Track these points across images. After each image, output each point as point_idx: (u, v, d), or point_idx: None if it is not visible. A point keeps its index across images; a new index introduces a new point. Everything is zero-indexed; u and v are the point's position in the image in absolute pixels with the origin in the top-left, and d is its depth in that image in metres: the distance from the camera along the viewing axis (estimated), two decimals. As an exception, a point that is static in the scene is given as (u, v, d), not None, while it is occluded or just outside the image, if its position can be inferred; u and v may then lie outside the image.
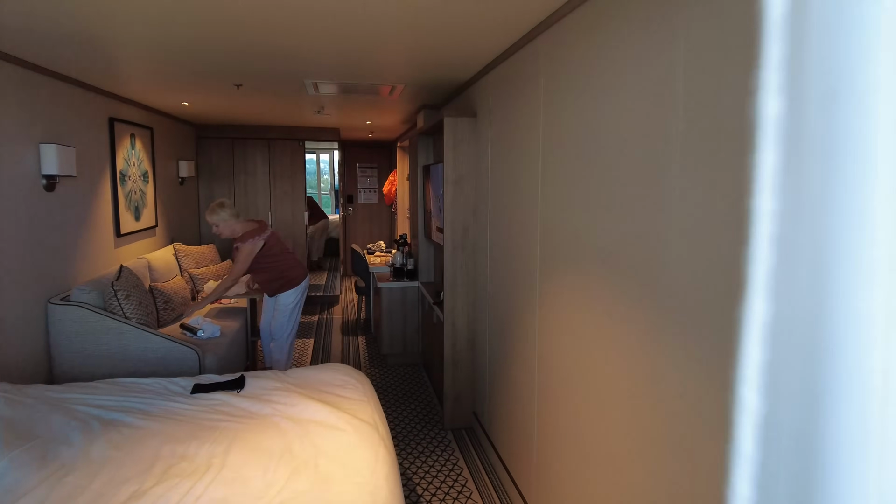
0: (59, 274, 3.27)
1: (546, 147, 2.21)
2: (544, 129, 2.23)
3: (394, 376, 4.42)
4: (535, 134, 2.33)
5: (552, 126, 2.14)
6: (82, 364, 3.10)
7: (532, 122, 2.36)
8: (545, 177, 2.22)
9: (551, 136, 2.15)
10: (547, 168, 2.20)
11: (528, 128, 2.41)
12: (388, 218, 8.74)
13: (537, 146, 2.30)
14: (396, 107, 4.76)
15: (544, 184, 2.23)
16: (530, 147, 2.39)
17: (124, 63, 3.03)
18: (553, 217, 2.14)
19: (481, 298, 3.29)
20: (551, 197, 2.16)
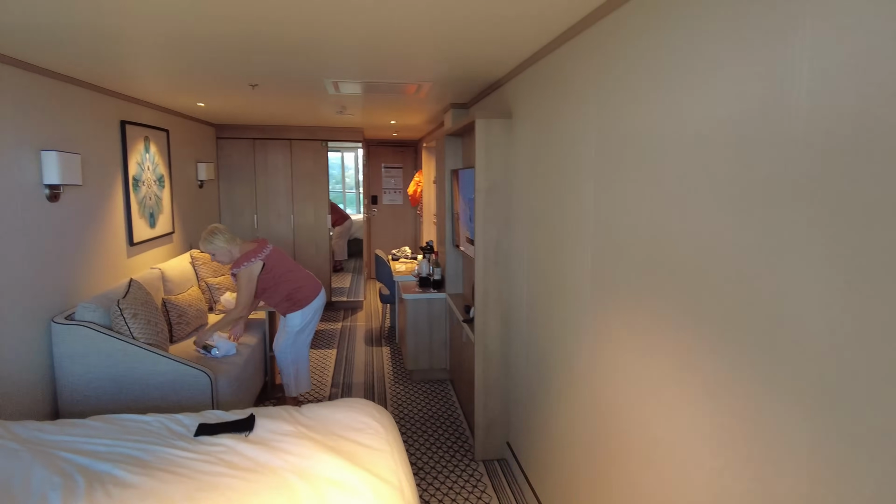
0: (65, 289, 3.06)
1: (602, 152, 1.88)
2: (599, 131, 1.90)
3: (419, 394, 4.14)
4: (586, 137, 2.00)
5: (611, 127, 1.81)
6: (87, 387, 2.88)
7: (583, 124, 2.03)
8: (601, 187, 1.89)
9: (610, 139, 1.82)
10: (604, 177, 1.87)
11: (578, 130, 2.08)
12: (413, 219, 8.47)
13: (589, 151, 1.98)
14: (422, 106, 4.46)
15: (600, 193, 1.90)
16: (580, 152, 2.06)
17: (134, 60, 2.79)
18: (612, 233, 1.82)
19: (516, 319, 2.98)
20: (610, 210, 1.83)
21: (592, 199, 1.95)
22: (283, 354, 3.56)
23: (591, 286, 1.97)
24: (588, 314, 2.00)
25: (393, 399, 4.05)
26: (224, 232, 3.32)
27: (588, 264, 2.00)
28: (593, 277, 1.95)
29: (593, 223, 1.94)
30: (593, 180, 1.95)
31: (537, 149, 2.57)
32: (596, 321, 1.93)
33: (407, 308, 4.30)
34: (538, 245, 2.59)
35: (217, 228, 3.33)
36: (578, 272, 2.09)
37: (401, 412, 3.83)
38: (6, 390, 2.61)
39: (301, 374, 3.66)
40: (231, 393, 3.12)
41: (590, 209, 1.97)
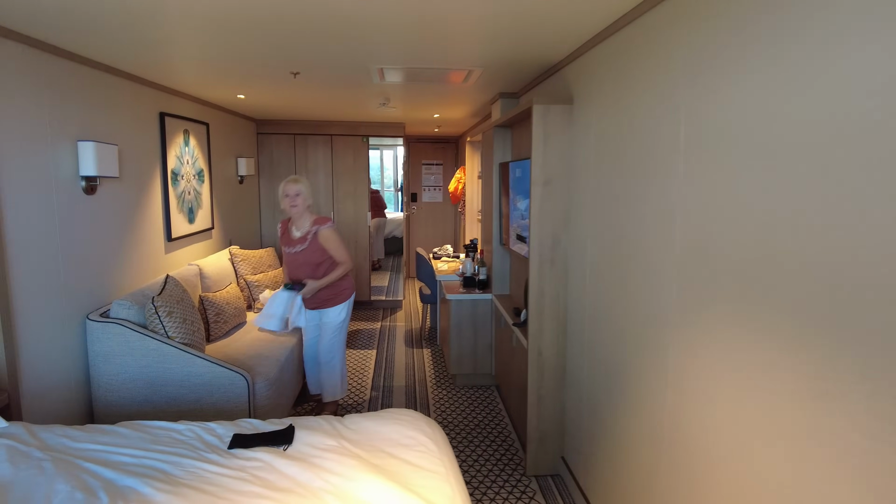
0: (102, 285, 2.96)
1: (693, 141, 1.61)
2: (689, 115, 1.63)
3: (463, 401, 3.91)
4: (671, 123, 1.73)
5: (706, 112, 1.54)
6: (121, 388, 2.76)
7: (667, 108, 1.76)
8: (691, 179, 1.62)
9: (704, 125, 1.55)
10: (694, 171, 1.60)
11: (660, 115, 1.81)
12: (453, 218, 8.25)
13: (675, 139, 1.71)
14: (468, 96, 4.23)
15: (688, 188, 1.63)
16: (662, 140, 1.79)
17: (172, 46, 2.65)
18: (706, 235, 1.54)
19: (575, 325, 2.72)
20: (703, 208, 1.56)
21: (678, 196, 1.68)
22: (331, 353, 3.43)
23: (676, 296, 1.69)
24: (670, 328, 1.73)
25: (436, 405, 3.83)
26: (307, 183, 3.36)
27: (671, 270, 1.73)
28: (679, 285, 1.68)
29: (679, 223, 1.67)
30: (680, 174, 1.68)
31: (604, 137, 2.31)
32: (681, 337, 1.66)
33: (450, 309, 4.08)
34: (603, 245, 2.32)
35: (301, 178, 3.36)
36: (657, 279, 1.82)
37: (444, 420, 3.61)
38: (41, 388, 2.51)
39: (344, 375, 3.50)
40: (269, 397, 2.96)
41: (674, 207, 1.70)
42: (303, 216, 3.33)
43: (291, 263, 3.35)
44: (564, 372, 2.90)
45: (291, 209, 3.27)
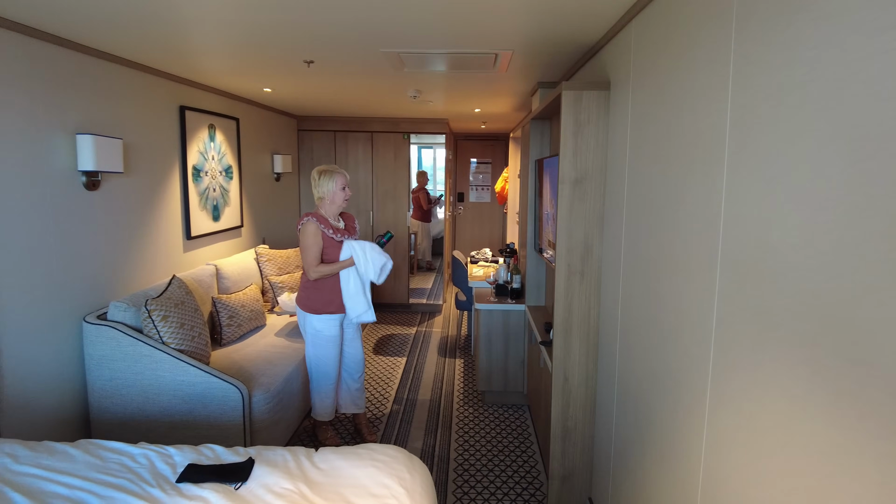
0: (106, 285, 2.83)
1: (741, 124, 1.21)
2: (736, 93, 1.23)
3: (490, 421, 3.56)
4: (717, 101, 1.33)
5: (757, 87, 1.14)
6: (114, 394, 2.62)
7: (712, 87, 1.36)
8: (739, 170, 1.22)
9: (755, 104, 1.15)
10: (742, 161, 1.20)
11: (705, 95, 1.41)
12: (500, 219, 7.88)
13: (721, 124, 1.30)
14: (507, 87, 3.87)
15: (735, 185, 1.23)
16: (706, 126, 1.39)
17: (181, 33, 2.47)
18: (761, 249, 1.14)
19: (607, 349, 2.32)
20: (754, 208, 1.16)
21: (723, 195, 1.28)
22: (308, 364, 3.13)
23: (717, 328, 1.29)
24: (707, 369, 1.32)
25: (459, 424, 3.50)
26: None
27: (710, 294, 1.32)
28: (720, 315, 1.27)
29: (724, 233, 1.27)
30: (724, 163, 1.27)
31: (640, 126, 1.90)
32: (721, 383, 1.26)
33: (480, 319, 3.73)
34: (634, 257, 1.92)
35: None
36: (693, 305, 1.41)
37: (466, 441, 3.27)
38: (29, 393, 2.39)
39: (318, 397, 3.17)
40: (269, 411, 2.74)
41: (717, 211, 1.29)
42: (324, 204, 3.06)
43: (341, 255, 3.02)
44: (594, 403, 2.50)
45: (345, 202, 3.04)
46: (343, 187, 2.98)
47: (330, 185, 2.97)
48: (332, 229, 2.95)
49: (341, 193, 2.98)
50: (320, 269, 2.89)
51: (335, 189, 2.97)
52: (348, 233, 3.05)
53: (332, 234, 2.93)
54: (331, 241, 2.94)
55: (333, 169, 2.98)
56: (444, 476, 2.91)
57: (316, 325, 2.99)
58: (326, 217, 3.00)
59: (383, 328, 5.56)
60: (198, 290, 3.31)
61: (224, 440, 2.60)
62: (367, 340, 5.12)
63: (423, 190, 7.79)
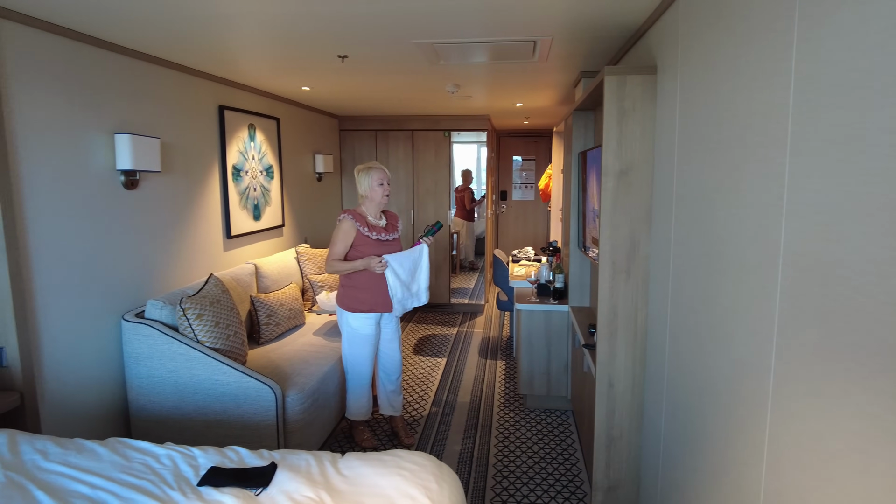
0: (146, 283, 2.87)
1: (805, 98, 1.04)
2: (801, 63, 1.06)
3: (531, 427, 3.42)
4: (777, 73, 1.16)
5: (825, 52, 0.97)
6: (151, 392, 2.63)
7: (771, 58, 1.19)
8: (801, 157, 1.05)
9: (822, 73, 0.98)
10: (807, 141, 1.03)
11: (762, 69, 1.24)
12: (544, 217, 7.68)
13: (781, 100, 1.14)
14: (549, 78, 3.72)
15: (798, 169, 1.06)
16: (764, 103, 1.22)
17: (219, 32, 2.46)
18: (831, 245, 0.97)
19: (656, 353, 2.14)
20: (823, 197, 0.99)
21: (784, 180, 1.11)
22: (344, 361, 3.09)
23: (779, 335, 1.12)
24: (768, 382, 1.16)
25: (500, 429, 3.38)
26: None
27: (770, 296, 1.16)
28: (783, 319, 1.11)
29: (787, 226, 1.10)
30: (787, 146, 1.10)
31: (691, 110, 1.73)
32: (784, 398, 1.09)
33: (521, 321, 3.59)
34: (684, 254, 1.75)
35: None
36: (750, 306, 1.25)
37: (506, 447, 3.14)
38: (68, 389, 2.43)
39: (353, 396, 3.12)
40: (303, 411, 2.70)
41: (778, 201, 1.13)
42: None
43: (385, 252, 2.92)
44: (642, 411, 2.33)
45: (384, 199, 2.96)
46: (381, 182, 2.91)
47: (367, 180, 2.91)
48: (369, 227, 2.89)
49: (379, 189, 2.91)
50: (334, 265, 2.86)
51: (372, 184, 2.91)
52: (388, 231, 2.98)
53: (368, 231, 2.87)
54: (365, 239, 2.87)
55: (372, 165, 2.93)
56: (483, 482, 2.80)
57: (352, 323, 2.94)
58: (366, 214, 2.94)
59: (424, 328, 5.48)
60: (236, 288, 3.32)
61: (257, 440, 2.58)
62: (408, 340, 5.06)
63: (467, 189, 7.69)
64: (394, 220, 3.07)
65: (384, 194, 2.93)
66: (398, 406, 3.18)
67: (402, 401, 3.27)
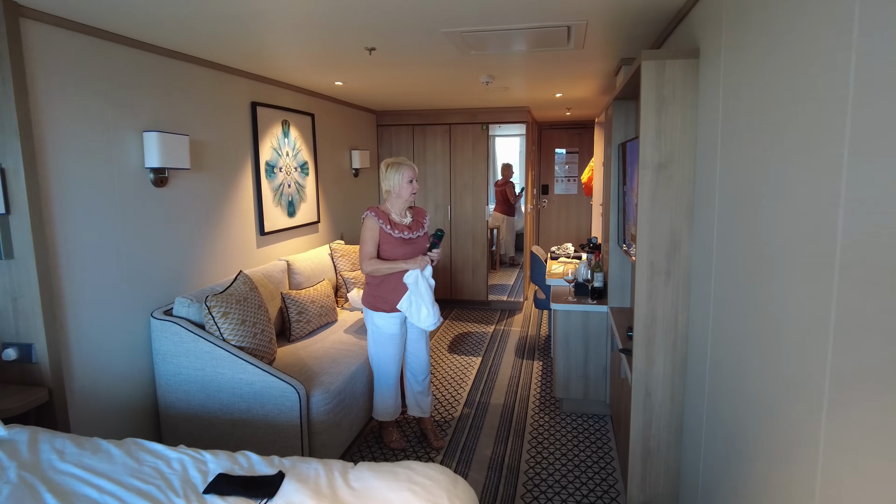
0: (177, 280, 2.89)
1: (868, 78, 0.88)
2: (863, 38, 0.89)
3: (567, 432, 3.27)
4: (834, 52, 0.99)
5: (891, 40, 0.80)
6: (178, 389, 2.64)
7: (827, 35, 1.02)
8: (862, 147, 0.88)
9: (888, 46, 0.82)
10: (869, 127, 0.87)
11: (816, 49, 1.07)
12: (587, 212, 7.43)
13: (840, 81, 0.97)
14: (588, 67, 3.53)
15: (859, 160, 0.90)
16: (818, 87, 1.05)
17: (251, 27, 2.43)
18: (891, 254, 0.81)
19: (698, 362, 1.97)
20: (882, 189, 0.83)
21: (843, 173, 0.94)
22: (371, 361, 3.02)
23: (833, 353, 0.96)
24: (821, 408, 0.99)
25: (533, 434, 3.24)
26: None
27: (823, 307, 0.99)
28: (839, 336, 0.94)
29: (844, 223, 0.94)
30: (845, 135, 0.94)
31: (736, 97, 1.56)
32: (841, 429, 0.93)
33: (557, 321, 3.44)
34: (732, 252, 1.58)
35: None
36: (800, 319, 1.08)
37: (539, 453, 3.01)
38: (98, 385, 2.46)
39: (380, 395, 3.05)
40: (328, 412, 2.65)
41: (834, 196, 0.96)
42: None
43: (410, 251, 2.84)
44: (681, 422, 2.15)
45: (412, 196, 2.88)
46: (410, 180, 2.82)
47: (396, 177, 2.83)
48: (391, 224, 2.80)
49: (408, 187, 2.82)
50: (371, 264, 2.78)
51: (402, 182, 2.82)
52: (413, 229, 2.88)
53: (391, 229, 2.78)
54: (388, 238, 2.79)
55: (401, 161, 2.84)
56: (512, 490, 2.68)
57: (377, 322, 2.87)
58: (389, 211, 2.86)
59: (460, 325, 5.39)
60: (268, 285, 3.31)
61: (282, 440, 2.55)
62: (442, 338, 4.98)
63: (508, 183, 7.53)
64: (420, 216, 2.98)
65: (413, 192, 2.84)
66: (426, 408, 3.10)
67: (432, 402, 3.18)
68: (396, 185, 2.83)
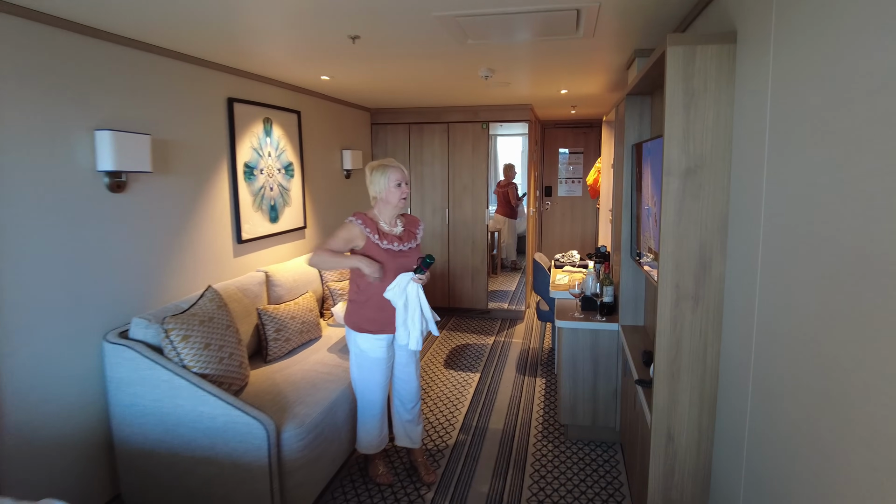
0: (138, 297, 2.58)
1: None
2: None
3: (572, 463, 2.95)
4: None
5: None
6: (133, 422, 2.34)
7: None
8: None
9: None
10: None
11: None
12: (593, 215, 7.11)
13: None
14: (597, 60, 3.21)
15: None
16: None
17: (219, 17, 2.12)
18: None
19: (732, 405, 1.65)
20: None
21: None
22: (359, 384, 2.70)
23: None
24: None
25: (536, 464, 2.93)
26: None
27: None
28: None
29: None
30: None
31: (793, 88, 1.24)
32: None
33: (562, 339, 3.12)
34: (788, 276, 1.26)
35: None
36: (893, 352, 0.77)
37: (542, 490, 2.70)
38: (53, 417, 2.16)
39: (362, 425, 2.74)
40: (303, 448, 2.33)
41: None
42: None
43: (399, 265, 2.51)
44: (709, 473, 1.83)
45: (401, 202, 2.53)
46: (399, 183, 2.50)
47: (383, 181, 2.51)
48: (380, 234, 2.49)
49: (396, 191, 2.50)
50: (321, 255, 2.41)
51: (388, 186, 2.50)
52: (404, 240, 2.56)
53: (378, 239, 2.47)
54: (374, 249, 2.47)
55: (387, 163, 2.52)
56: (512, 537, 2.37)
57: (361, 345, 2.55)
58: (377, 219, 2.55)
59: (458, 336, 5.07)
60: (242, 300, 3.00)
61: (250, 482, 2.23)
62: (439, 351, 4.66)
63: (510, 184, 7.21)
64: (413, 225, 2.65)
65: (402, 197, 2.51)
66: (416, 438, 2.78)
67: (422, 431, 2.87)
68: (383, 189, 2.51)
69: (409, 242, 2.56)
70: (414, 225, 2.65)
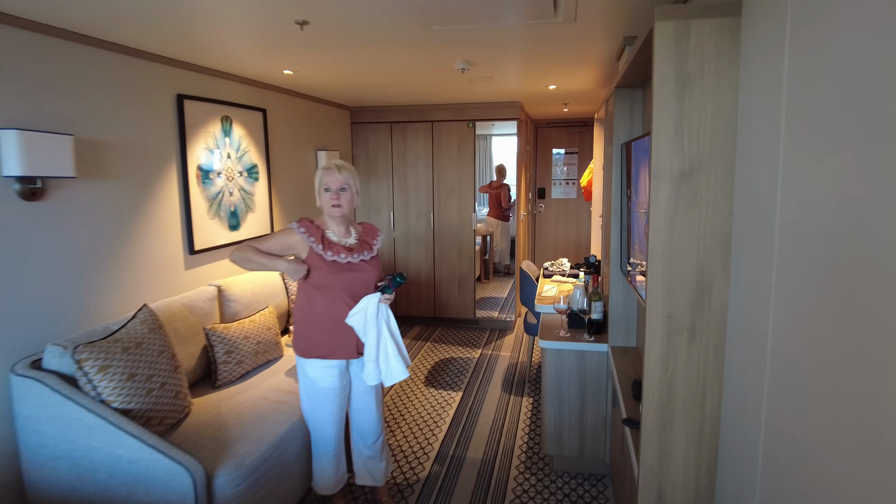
0: (55, 322, 2.27)
1: None
2: None
3: (558, 499, 2.63)
4: None
5: None
6: (44, 466, 2.02)
7: None
8: None
9: None
10: None
11: None
12: (588, 218, 6.79)
13: None
14: (585, 49, 2.90)
15: None
16: None
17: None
18: None
19: (737, 456, 1.33)
20: None
21: None
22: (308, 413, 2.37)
23: None
24: None
25: (517, 501, 2.61)
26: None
27: None
28: None
29: None
30: None
31: (820, 67, 0.92)
32: None
33: (546, 361, 2.80)
34: (812, 307, 0.94)
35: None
36: None
37: (520, 537, 2.38)
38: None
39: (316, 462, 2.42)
40: (241, 494, 2.02)
41: None
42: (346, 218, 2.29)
43: (349, 280, 2.19)
44: (712, 543, 1.52)
45: (333, 210, 2.17)
46: (327, 188, 2.15)
47: (316, 185, 2.19)
48: (325, 244, 2.17)
49: (325, 196, 2.16)
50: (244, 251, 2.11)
51: (318, 190, 2.18)
52: (355, 251, 2.23)
53: (322, 249, 2.15)
54: (317, 260, 2.15)
55: (326, 164, 2.20)
56: None
57: (309, 373, 2.23)
58: (324, 227, 2.23)
59: (442, 349, 4.75)
60: (188, 318, 2.68)
61: (175, 537, 1.92)
62: (420, 366, 4.34)
63: (503, 185, 6.90)
64: (370, 235, 2.33)
65: (333, 203, 2.16)
66: (379, 476, 2.47)
67: (389, 466, 2.55)
68: (317, 194, 2.20)
69: (362, 254, 2.23)
70: (370, 235, 2.32)
